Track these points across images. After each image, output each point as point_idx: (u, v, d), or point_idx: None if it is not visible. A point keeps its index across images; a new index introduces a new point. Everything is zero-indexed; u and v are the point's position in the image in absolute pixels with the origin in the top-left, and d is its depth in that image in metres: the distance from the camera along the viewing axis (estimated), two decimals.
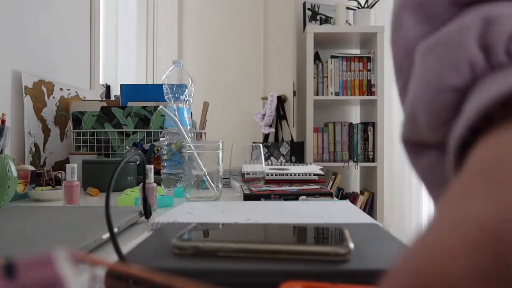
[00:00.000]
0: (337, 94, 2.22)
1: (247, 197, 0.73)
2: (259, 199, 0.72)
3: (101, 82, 1.84)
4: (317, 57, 2.33)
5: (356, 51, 2.50)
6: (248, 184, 0.87)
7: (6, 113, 0.74)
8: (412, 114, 0.21)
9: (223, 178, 0.84)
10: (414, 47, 0.21)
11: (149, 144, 1.08)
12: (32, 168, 0.86)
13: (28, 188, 0.82)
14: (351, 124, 2.28)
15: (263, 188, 0.79)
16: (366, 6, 2.26)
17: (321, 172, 0.99)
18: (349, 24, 2.40)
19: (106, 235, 0.43)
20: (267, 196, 0.73)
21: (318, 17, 2.45)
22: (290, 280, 0.25)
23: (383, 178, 2.16)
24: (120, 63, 2.29)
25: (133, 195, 0.72)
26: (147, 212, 0.54)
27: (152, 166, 0.66)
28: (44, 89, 1.16)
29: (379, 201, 2.16)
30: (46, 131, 1.16)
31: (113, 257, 0.39)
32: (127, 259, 0.30)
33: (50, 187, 0.86)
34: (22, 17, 1.08)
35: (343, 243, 0.30)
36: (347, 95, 2.22)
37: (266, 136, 2.34)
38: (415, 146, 0.22)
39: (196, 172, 0.77)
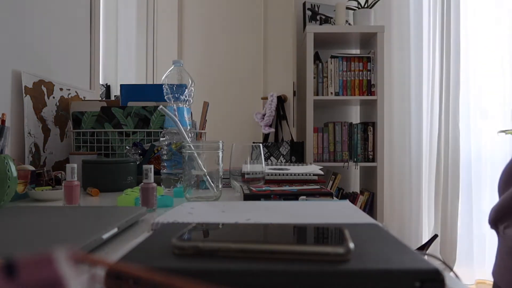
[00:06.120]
0: (337, 94, 2.22)
1: (247, 197, 0.73)
2: (259, 199, 0.72)
3: (101, 82, 1.84)
4: (317, 57, 2.33)
5: (356, 51, 2.50)
6: (248, 184, 0.87)
7: (6, 113, 0.74)
8: None
9: (223, 178, 0.84)
10: None
11: (149, 144, 1.08)
12: (32, 168, 0.86)
13: (28, 188, 0.82)
14: (351, 124, 2.28)
15: (263, 188, 0.79)
16: (366, 6, 2.25)
17: (321, 172, 0.99)
18: (349, 24, 2.40)
19: (106, 235, 0.43)
20: (267, 196, 0.73)
21: (318, 17, 2.45)
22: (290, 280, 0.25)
23: (383, 178, 2.16)
24: (120, 63, 2.29)
25: (133, 195, 0.72)
26: None
27: (152, 166, 0.66)
28: (44, 89, 1.16)
29: (379, 201, 2.15)
30: (46, 131, 1.16)
31: (113, 257, 0.39)
32: (128, 259, 0.30)
33: (50, 187, 0.86)
34: (22, 17, 1.08)
35: (343, 243, 0.30)
36: (347, 95, 2.22)
37: (266, 136, 2.34)
38: None
39: (196, 172, 0.77)
